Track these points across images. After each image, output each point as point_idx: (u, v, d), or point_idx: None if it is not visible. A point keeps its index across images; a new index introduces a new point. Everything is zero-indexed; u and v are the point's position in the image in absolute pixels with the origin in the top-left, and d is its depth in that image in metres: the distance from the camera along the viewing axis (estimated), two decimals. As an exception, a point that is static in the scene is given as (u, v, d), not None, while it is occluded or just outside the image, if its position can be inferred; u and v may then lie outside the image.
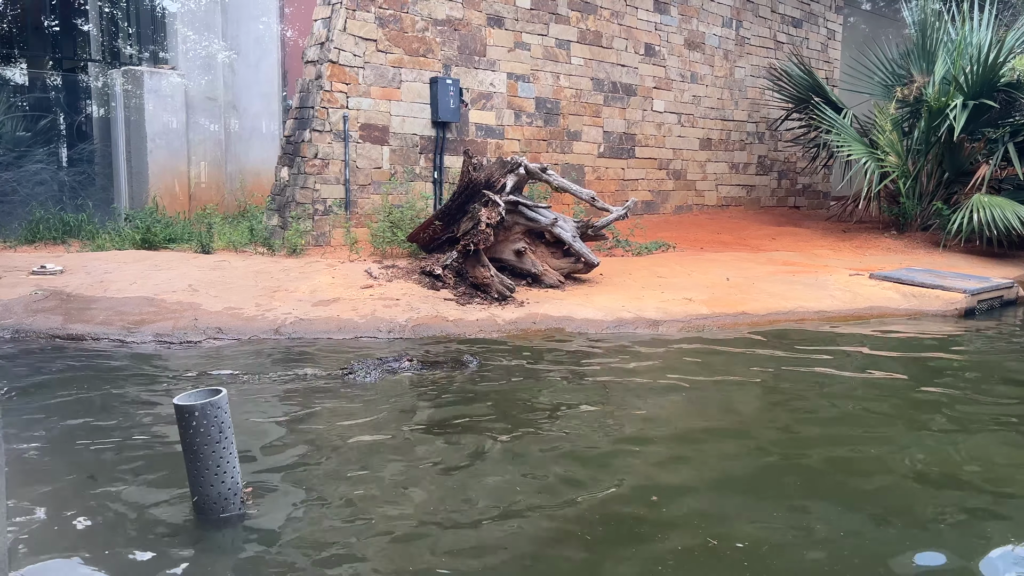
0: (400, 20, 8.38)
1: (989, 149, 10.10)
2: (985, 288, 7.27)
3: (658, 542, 2.68)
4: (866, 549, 2.65)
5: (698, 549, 2.63)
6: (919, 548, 2.67)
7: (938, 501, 3.06)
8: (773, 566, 2.54)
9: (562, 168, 10.03)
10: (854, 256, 9.35)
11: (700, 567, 2.53)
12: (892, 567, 2.54)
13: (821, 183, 14.61)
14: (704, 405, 4.22)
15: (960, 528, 2.84)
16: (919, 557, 2.62)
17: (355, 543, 2.65)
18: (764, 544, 2.66)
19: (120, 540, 2.65)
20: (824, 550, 2.65)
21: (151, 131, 9.82)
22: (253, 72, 10.90)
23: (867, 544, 2.68)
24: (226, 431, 2.74)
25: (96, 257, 7.22)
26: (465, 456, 3.42)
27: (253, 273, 6.64)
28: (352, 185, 8.14)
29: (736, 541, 2.68)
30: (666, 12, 11.34)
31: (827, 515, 2.90)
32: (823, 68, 13.93)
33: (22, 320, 5.42)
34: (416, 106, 8.60)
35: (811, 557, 2.61)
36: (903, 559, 2.60)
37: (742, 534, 2.73)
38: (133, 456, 3.33)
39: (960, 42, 10.20)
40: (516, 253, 6.76)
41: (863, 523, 2.84)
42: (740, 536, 2.71)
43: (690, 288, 6.91)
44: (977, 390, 4.59)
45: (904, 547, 2.67)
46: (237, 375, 4.48)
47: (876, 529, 2.79)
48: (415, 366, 4.65)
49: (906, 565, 2.56)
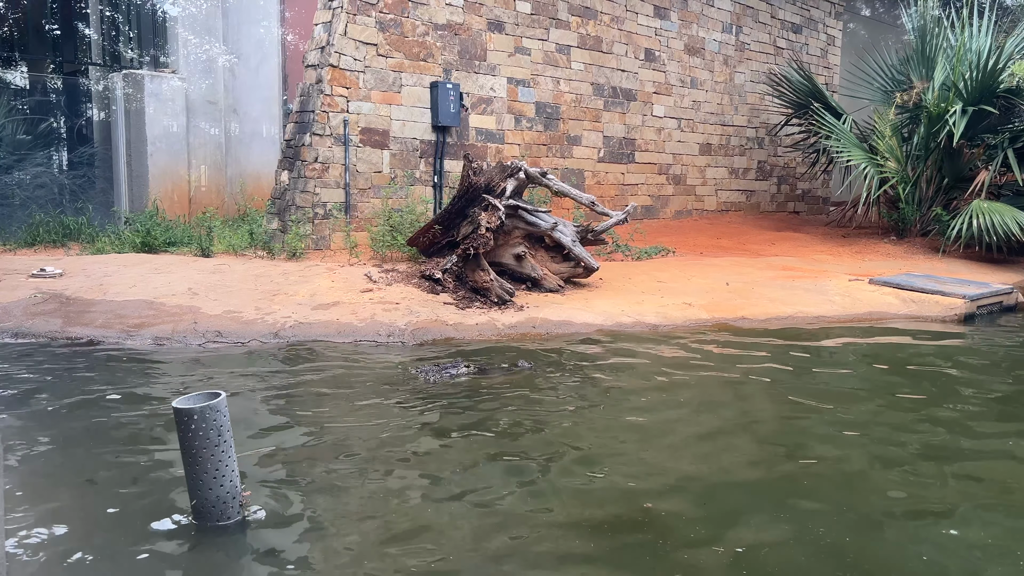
0: (401, 24, 8.40)
1: (988, 155, 10.11)
2: (984, 294, 7.27)
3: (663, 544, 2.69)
4: (868, 550, 2.65)
5: (703, 549, 2.64)
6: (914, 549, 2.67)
7: (943, 500, 3.06)
8: (770, 566, 2.54)
9: (562, 173, 10.04)
10: (853, 261, 9.36)
11: (701, 566, 2.53)
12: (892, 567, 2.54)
13: (821, 188, 14.63)
14: (705, 409, 4.21)
15: (965, 527, 2.85)
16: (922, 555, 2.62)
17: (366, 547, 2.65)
18: (763, 547, 2.66)
19: (118, 544, 2.64)
20: (825, 552, 2.65)
21: (151, 134, 9.83)
22: (253, 76, 10.92)
23: (869, 545, 2.68)
24: (225, 434, 2.74)
25: (96, 260, 7.22)
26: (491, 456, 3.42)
27: (253, 277, 6.64)
28: (352, 189, 8.15)
29: (735, 545, 2.68)
30: (666, 17, 11.36)
31: (827, 519, 2.90)
32: (823, 74, 13.96)
33: (22, 323, 5.42)
34: (416, 110, 8.62)
35: (810, 559, 2.61)
36: (903, 559, 2.60)
37: (740, 537, 2.73)
38: (132, 460, 3.33)
39: (959, 48, 10.22)
40: (516, 257, 6.76)
41: (860, 525, 2.84)
42: (739, 539, 2.71)
43: (690, 293, 6.91)
44: (977, 394, 4.59)
45: (905, 548, 2.67)
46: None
47: (872, 532, 2.79)
48: (472, 371, 4.74)
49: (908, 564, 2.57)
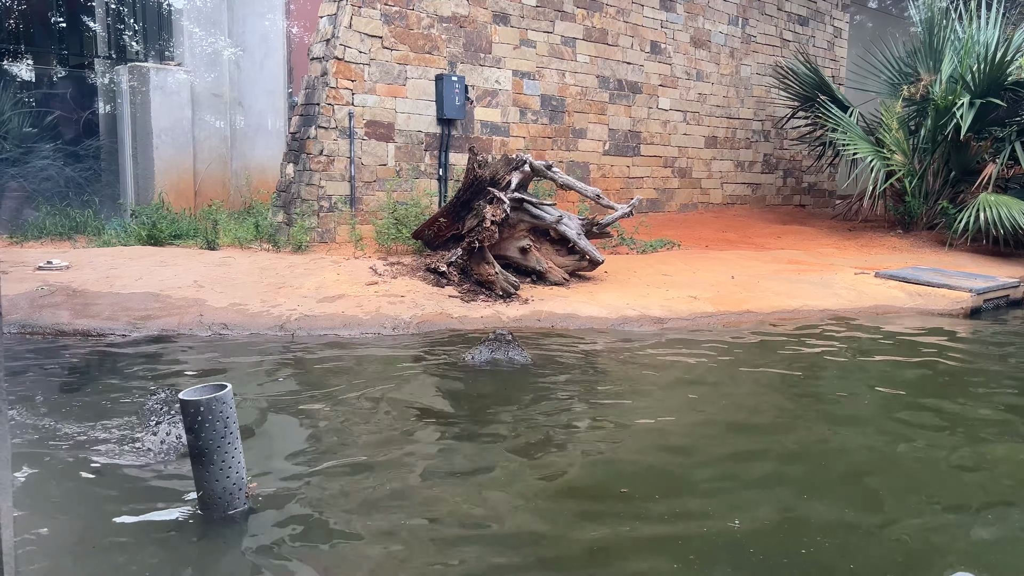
0: (406, 17, 8.38)
1: (996, 148, 10.07)
2: (991, 287, 7.25)
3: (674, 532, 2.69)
4: (872, 548, 2.65)
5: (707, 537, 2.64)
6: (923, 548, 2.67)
7: (946, 501, 3.06)
8: (772, 557, 2.54)
9: (567, 166, 10.02)
10: (859, 255, 9.33)
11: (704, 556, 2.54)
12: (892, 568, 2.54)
13: (827, 182, 14.59)
14: (710, 402, 4.21)
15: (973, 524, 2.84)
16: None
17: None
18: (767, 538, 2.67)
19: (125, 535, 2.66)
20: (833, 546, 2.65)
21: (157, 127, 9.84)
22: (258, 69, 10.91)
23: (871, 543, 2.68)
24: (231, 426, 2.75)
25: (102, 253, 7.24)
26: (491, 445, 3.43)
27: (258, 269, 6.65)
28: (357, 182, 8.15)
29: (737, 533, 2.68)
30: (672, 10, 11.31)
31: (836, 512, 2.90)
32: (829, 66, 13.89)
33: (28, 315, 5.44)
34: (421, 103, 8.60)
35: (815, 551, 2.61)
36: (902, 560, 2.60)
37: (744, 527, 2.73)
38: (138, 451, 3.34)
39: (967, 40, 10.17)
40: (521, 250, 6.76)
41: (864, 518, 2.84)
42: (743, 528, 2.72)
43: (695, 286, 6.90)
44: (984, 387, 4.58)
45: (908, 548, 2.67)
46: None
47: (882, 530, 2.80)
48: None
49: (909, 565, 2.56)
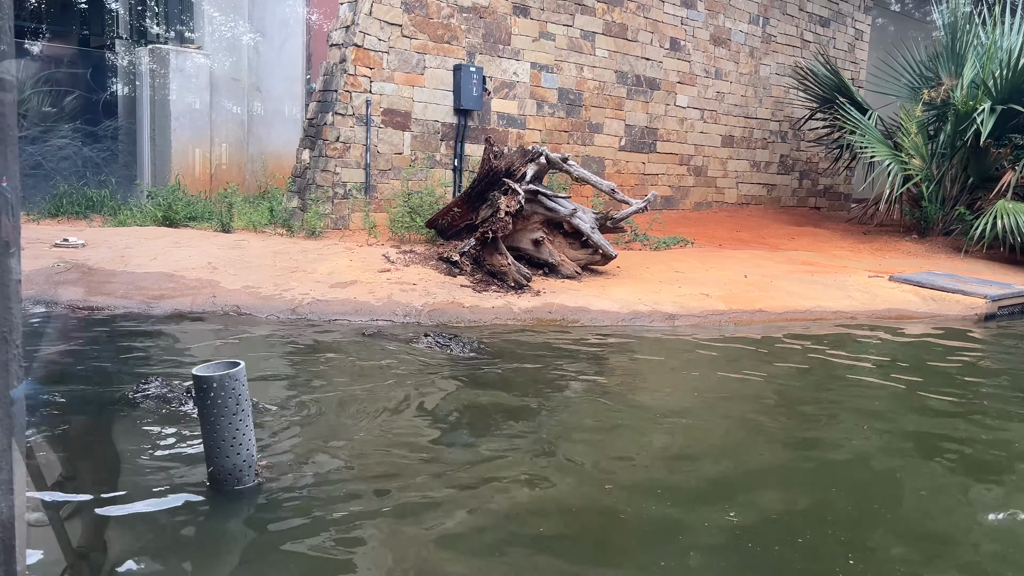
0: (426, 6, 8.38)
1: (1016, 155, 9.97)
2: (1007, 294, 7.19)
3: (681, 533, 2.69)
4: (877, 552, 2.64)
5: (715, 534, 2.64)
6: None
7: (952, 501, 3.04)
8: (771, 549, 2.54)
9: (582, 160, 10.00)
10: (873, 259, 9.27)
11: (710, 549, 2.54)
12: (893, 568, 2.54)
13: (843, 185, 14.50)
14: (719, 400, 4.21)
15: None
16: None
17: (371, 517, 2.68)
18: (766, 533, 2.66)
19: (134, 510, 2.68)
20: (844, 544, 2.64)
21: (175, 110, 9.89)
22: (277, 54, 10.94)
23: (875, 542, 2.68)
24: (243, 403, 2.76)
25: (118, 232, 7.29)
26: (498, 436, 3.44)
27: (272, 253, 6.67)
28: (372, 170, 8.16)
29: (746, 528, 2.68)
30: (692, 7, 11.26)
31: (846, 510, 2.89)
32: (849, 68, 13.80)
33: (43, 291, 5.48)
34: (439, 93, 8.60)
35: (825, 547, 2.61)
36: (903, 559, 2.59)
37: (752, 524, 2.73)
38: (149, 428, 3.37)
39: (990, 45, 10.07)
40: (534, 242, 6.76)
41: (869, 518, 2.83)
42: (751, 524, 2.72)
43: (707, 284, 6.88)
44: (997, 392, 4.55)
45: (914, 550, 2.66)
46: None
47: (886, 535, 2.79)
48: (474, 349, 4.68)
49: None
